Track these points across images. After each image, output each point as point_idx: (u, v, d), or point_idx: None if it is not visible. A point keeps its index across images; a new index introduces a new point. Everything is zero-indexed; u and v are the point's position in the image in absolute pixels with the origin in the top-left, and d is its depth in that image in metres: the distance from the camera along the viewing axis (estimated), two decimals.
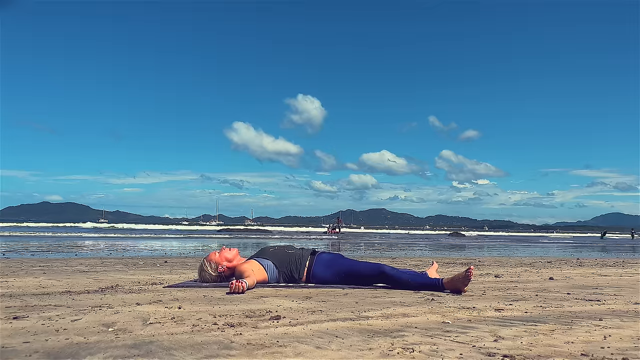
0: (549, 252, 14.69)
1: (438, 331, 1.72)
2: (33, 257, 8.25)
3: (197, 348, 1.42)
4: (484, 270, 5.44)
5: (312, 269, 3.23)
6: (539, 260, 8.49)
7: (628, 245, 24.19)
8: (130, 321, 1.84)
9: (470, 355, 1.36)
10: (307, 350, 1.41)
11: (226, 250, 3.31)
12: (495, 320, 1.95)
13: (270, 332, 1.67)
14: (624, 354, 1.40)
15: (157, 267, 5.50)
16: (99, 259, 7.57)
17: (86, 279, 3.88)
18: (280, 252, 3.30)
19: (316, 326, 1.78)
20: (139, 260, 7.21)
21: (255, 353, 1.37)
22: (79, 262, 6.32)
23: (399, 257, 9.38)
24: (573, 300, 2.71)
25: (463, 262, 7.39)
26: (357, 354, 1.38)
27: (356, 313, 2.10)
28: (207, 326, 1.75)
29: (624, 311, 2.28)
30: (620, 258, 10.23)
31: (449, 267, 5.88)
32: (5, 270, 4.74)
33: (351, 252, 13.15)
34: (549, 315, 2.10)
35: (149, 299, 2.49)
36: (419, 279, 3.09)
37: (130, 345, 1.45)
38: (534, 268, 5.93)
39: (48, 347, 1.43)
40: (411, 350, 1.42)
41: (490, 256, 10.81)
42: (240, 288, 2.73)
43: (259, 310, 2.13)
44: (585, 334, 1.68)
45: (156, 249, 12.51)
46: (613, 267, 6.31)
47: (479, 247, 18.80)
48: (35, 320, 1.85)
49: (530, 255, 11.56)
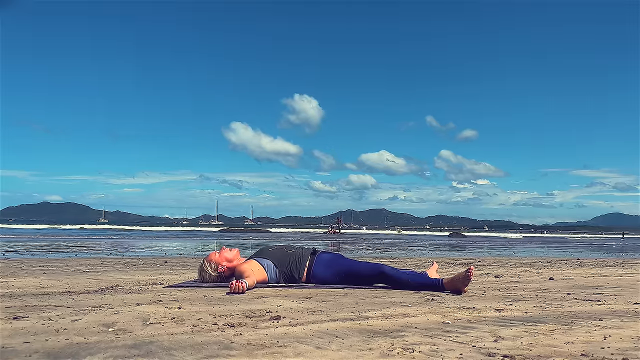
0: (548, 252, 14.69)
1: (438, 331, 1.72)
2: (33, 257, 8.25)
3: (197, 348, 1.42)
4: (484, 270, 5.44)
5: (312, 269, 3.23)
6: (539, 260, 8.49)
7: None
8: (130, 321, 1.84)
9: (470, 356, 1.36)
10: (307, 350, 1.41)
11: (226, 250, 3.31)
12: (495, 321, 1.95)
13: (270, 332, 1.66)
14: (624, 354, 1.40)
15: (157, 267, 5.50)
16: (99, 259, 7.57)
17: (86, 279, 3.88)
18: (280, 252, 3.30)
19: (316, 326, 1.78)
20: (139, 260, 7.21)
21: (255, 353, 1.37)
22: (79, 262, 6.32)
23: (399, 257, 9.37)
24: (573, 300, 2.70)
25: (463, 262, 7.39)
26: (357, 354, 1.38)
27: (356, 313, 2.10)
28: (207, 326, 1.75)
29: (624, 311, 2.28)
30: (620, 258, 10.23)
31: (449, 267, 5.88)
32: (5, 270, 4.74)
33: (351, 252, 13.15)
34: (549, 315, 2.10)
35: (149, 299, 2.49)
36: (419, 279, 3.09)
37: (130, 345, 1.45)
38: (534, 268, 5.93)
39: (48, 347, 1.43)
40: (411, 351, 1.42)
41: (490, 256, 10.81)
42: (240, 288, 2.73)
43: (259, 311, 2.12)
44: (585, 334, 1.68)
45: (156, 249, 12.51)
46: (613, 267, 6.31)
47: (479, 247, 18.79)
48: (35, 321, 1.85)
49: (531, 256, 11.56)
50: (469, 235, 46.08)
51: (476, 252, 14.12)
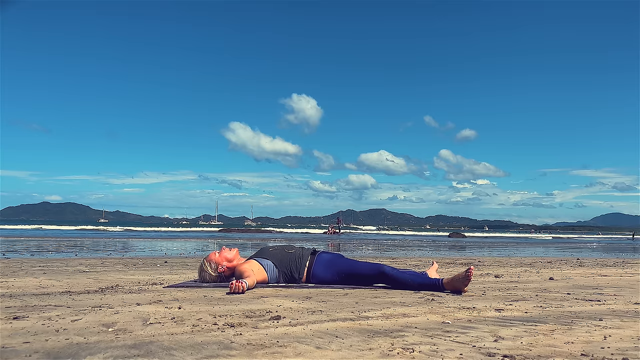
0: (548, 252, 14.69)
1: (438, 331, 1.72)
2: (33, 257, 8.25)
3: (197, 348, 1.42)
4: (484, 270, 5.44)
5: (312, 269, 3.23)
6: (539, 260, 8.49)
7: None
8: (130, 321, 1.84)
9: (470, 355, 1.36)
10: (307, 350, 1.41)
11: (226, 250, 3.31)
12: (495, 320, 1.95)
13: (270, 332, 1.67)
14: (624, 354, 1.40)
15: (157, 267, 5.50)
16: (99, 259, 7.57)
17: (86, 279, 3.88)
18: (280, 252, 3.30)
19: (316, 326, 1.78)
20: (139, 260, 7.22)
21: (255, 353, 1.37)
22: (79, 262, 6.32)
23: (399, 257, 9.38)
24: (573, 300, 2.70)
25: (463, 262, 7.39)
26: (357, 354, 1.38)
27: (356, 313, 2.10)
28: (207, 326, 1.75)
29: (624, 311, 2.28)
30: (620, 258, 10.23)
31: (449, 267, 5.88)
32: (5, 270, 4.74)
33: (351, 252, 13.15)
34: (549, 315, 2.10)
35: (149, 299, 2.49)
36: (419, 279, 3.09)
37: (130, 345, 1.45)
38: (534, 268, 5.93)
39: (48, 347, 1.43)
40: (411, 351, 1.42)
41: (490, 256, 10.81)
42: (240, 288, 2.74)
43: (259, 311, 2.13)
44: (585, 334, 1.68)
45: (156, 249, 12.51)
46: (613, 267, 6.31)
47: (479, 247, 18.79)
48: (35, 320, 1.85)
49: (531, 256, 11.56)
50: (469, 236, 46.03)
51: (476, 252, 14.12)
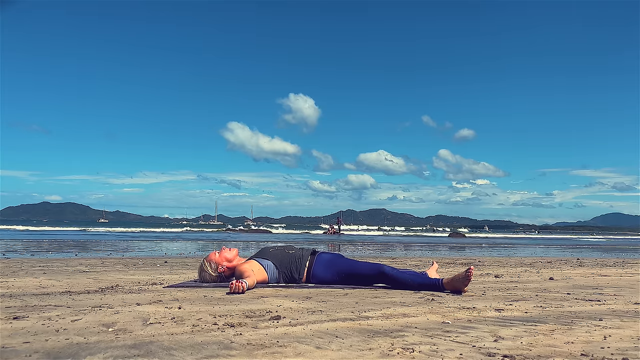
0: (549, 252, 14.69)
1: (438, 331, 1.72)
2: (33, 257, 8.25)
3: (197, 348, 1.42)
4: (484, 270, 5.44)
5: (312, 269, 3.23)
6: (539, 260, 8.49)
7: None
8: (130, 321, 1.84)
9: (470, 355, 1.36)
10: (307, 350, 1.41)
11: (226, 250, 3.31)
12: (495, 320, 1.95)
13: (270, 332, 1.66)
14: (624, 354, 1.40)
15: (157, 267, 5.50)
16: (99, 259, 7.57)
17: (86, 279, 3.88)
18: (280, 253, 3.30)
19: (316, 326, 1.78)
20: (138, 260, 7.22)
21: (255, 353, 1.37)
22: (79, 262, 6.32)
23: (399, 257, 9.38)
24: (573, 300, 2.70)
25: (463, 262, 7.39)
26: (357, 354, 1.38)
27: (356, 313, 2.10)
28: (207, 326, 1.75)
29: (624, 311, 2.28)
30: (620, 258, 10.23)
31: (449, 267, 5.88)
32: (5, 270, 4.74)
33: (351, 252, 13.15)
34: (549, 315, 2.10)
35: (149, 299, 2.49)
36: (419, 279, 3.09)
37: (130, 345, 1.45)
38: (534, 268, 5.93)
39: (48, 347, 1.43)
40: (411, 350, 1.42)
41: (490, 256, 10.81)
42: (240, 288, 2.74)
43: (259, 311, 2.12)
44: (585, 334, 1.68)
45: (156, 249, 12.51)
46: (613, 267, 6.31)
47: (479, 247, 18.80)
48: (35, 320, 1.85)
49: (531, 256, 11.56)
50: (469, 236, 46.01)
51: (476, 252, 14.12)
